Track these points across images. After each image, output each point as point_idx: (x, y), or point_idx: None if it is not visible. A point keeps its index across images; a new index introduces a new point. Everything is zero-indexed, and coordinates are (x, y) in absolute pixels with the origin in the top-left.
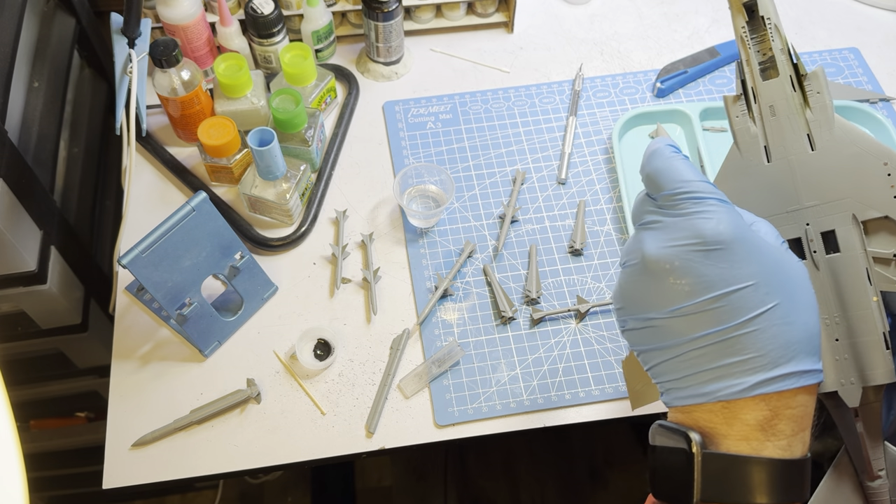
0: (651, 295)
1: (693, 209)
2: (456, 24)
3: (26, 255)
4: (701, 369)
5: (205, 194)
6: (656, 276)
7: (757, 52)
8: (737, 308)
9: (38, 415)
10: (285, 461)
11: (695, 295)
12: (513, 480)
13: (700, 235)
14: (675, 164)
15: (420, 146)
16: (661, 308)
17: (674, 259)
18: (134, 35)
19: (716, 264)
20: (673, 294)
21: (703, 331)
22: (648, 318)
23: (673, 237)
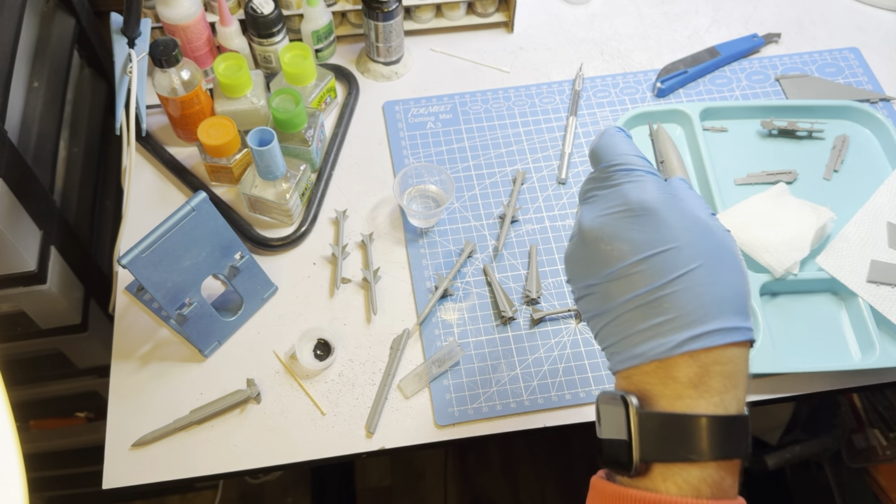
0: (589, 262)
1: (622, 180)
2: (456, 24)
3: (26, 255)
4: (633, 331)
5: (205, 194)
6: (590, 244)
7: None
8: (661, 269)
9: (38, 415)
10: (285, 461)
11: (623, 258)
12: (513, 480)
13: (626, 202)
14: (615, 141)
15: (420, 146)
16: (597, 274)
17: (604, 226)
18: (134, 35)
19: (641, 229)
20: (605, 259)
21: (632, 293)
22: (589, 285)
23: (604, 206)
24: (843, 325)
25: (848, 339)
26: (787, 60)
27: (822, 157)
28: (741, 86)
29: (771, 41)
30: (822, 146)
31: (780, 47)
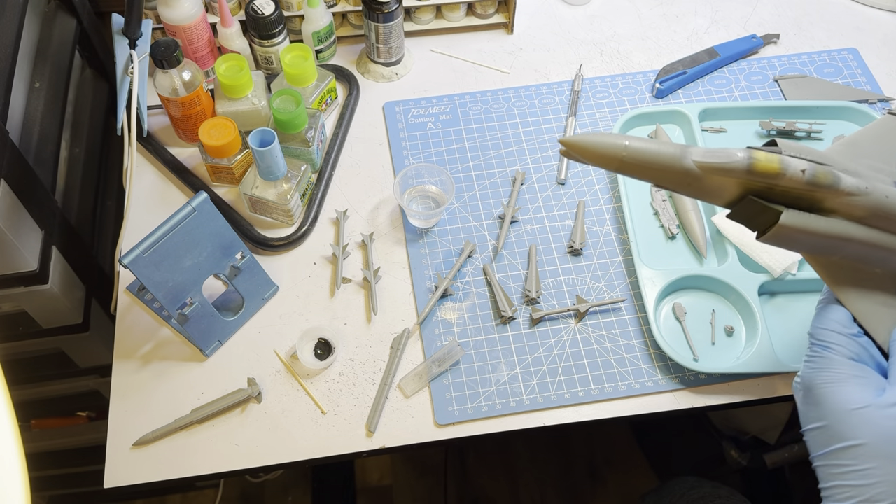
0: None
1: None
2: (456, 25)
3: (28, 255)
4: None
5: (206, 194)
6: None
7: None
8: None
9: (39, 414)
10: (286, 460)
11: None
12: (513, 480)
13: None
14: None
15: (420, 146)
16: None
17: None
18: (135, 36)
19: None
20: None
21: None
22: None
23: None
24: None
25: None
26: (786, 61)
27: None
28: (740, 86)
29: (770, 42)
30: (820, 147)
31: (778, 48)
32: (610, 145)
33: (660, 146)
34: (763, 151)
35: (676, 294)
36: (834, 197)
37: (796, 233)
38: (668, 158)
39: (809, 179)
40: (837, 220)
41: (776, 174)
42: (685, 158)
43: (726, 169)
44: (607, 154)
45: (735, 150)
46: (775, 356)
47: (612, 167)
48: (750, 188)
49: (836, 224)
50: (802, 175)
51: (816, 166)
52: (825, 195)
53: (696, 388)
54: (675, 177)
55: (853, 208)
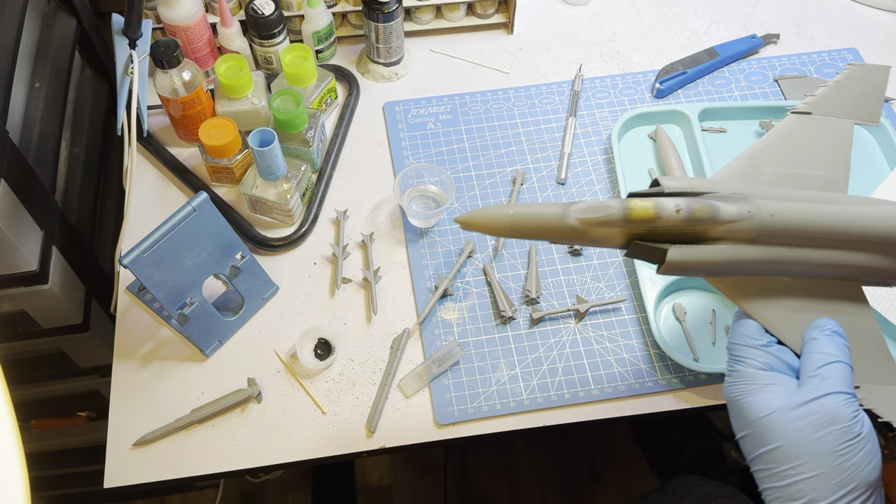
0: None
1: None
2: (456, 25)
3: (28, 254)
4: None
5: (206, 194)
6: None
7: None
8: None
9: (39, 414)
10: (286, 460)
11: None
12: (513, 480)
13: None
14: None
15: (420, 146)
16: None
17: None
18: (135, 36)
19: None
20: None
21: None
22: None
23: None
24: None
25: None
26: (786, 61)
27: None
28: (740, 86)
29: (770, 42)
30: None
31: (778, 48)
32: (498, 217)
33: (543, 210)
34: (639, 199)
35: (676, 294)
36: (716, 227)
37: (687, 265)
38: (553, 219)
39: (686, 217)
40: (726, 246)
41: (652, 219)
42: (567, 217)
43: (605, 221)
44: (497, 225)
45: (612, 202)
46: None
47: (505, 235)
48: (633, 234)
49: (726, 250)
50: (678, 214)
51: (693, 202)
52: (706, 227)
53: (696, 388)
54: (564, 234)
55: (739, 233)
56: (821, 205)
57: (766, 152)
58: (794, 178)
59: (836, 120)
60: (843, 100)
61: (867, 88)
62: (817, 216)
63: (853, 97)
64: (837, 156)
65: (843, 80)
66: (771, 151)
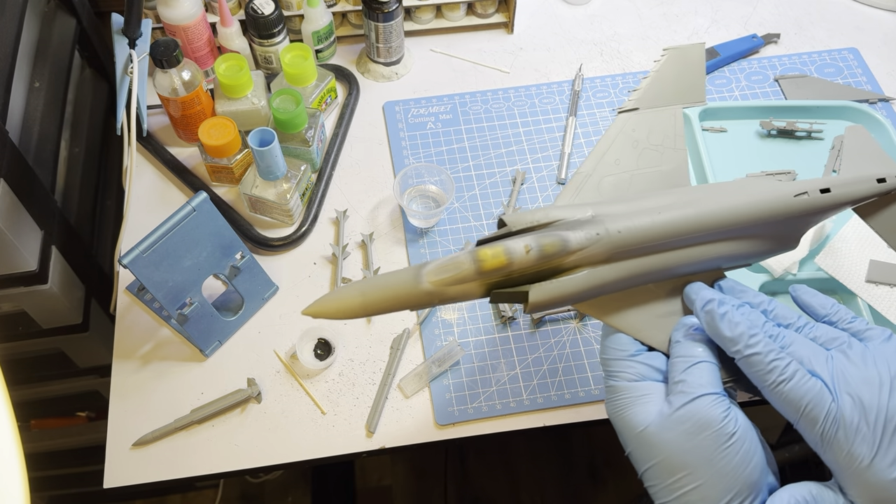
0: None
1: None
2: (456, 25)
3: (27, 254)
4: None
5: (205, 194)
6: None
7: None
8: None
9: (38, 414)
10: (286, 461)
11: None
12: (513, 480)
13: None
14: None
15: (420, 146)
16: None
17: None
18: (135, 35)
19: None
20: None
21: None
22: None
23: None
24: None
25: None
26: (787, 61)
27: (821, 157)
28: (740, 86)
29: (770, 42)
30: (821, 146)
31: (779, 48)
32: (347, 300)
33: (395, 281)
34: (487, 248)
35: None
36: (569, 257)
37: (552, 301)
38: (406, 289)
39: (538, 255)
40: (585, 273)
41: (505, 265)
42: (420, 283)
43: (459, 279)
44: (348, 308)
45: (461, 256)
46: None
47: (359, 316)
48: (491, 283)
49: (585, 277)
50: (529, 255)
51: (541, 239)
52: (560, 260)
53: None
54: (422, 300)
55: (593, 257)
56: (667, 210)
57: (604, 161)
58: (635, 181)
59: (662, 109)
60: (667, 87)
61: (688, 70)
62: (664, 222)
63: (676, 82)
64: (673, 145)
65: (663, 69)
66: (608, 159)
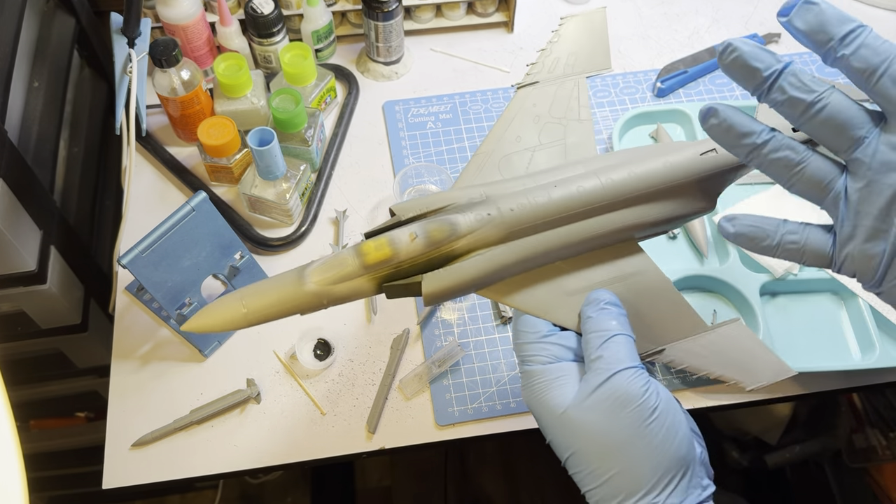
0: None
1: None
2: (456, 24)
3: (26, 254)
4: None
5: (205, 194)
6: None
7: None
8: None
9: (38, 415)
10: (285, 461)
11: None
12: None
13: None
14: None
15: (420, 146)
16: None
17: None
18: (134, 35)
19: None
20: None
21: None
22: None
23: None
24: (843, 325)
25: (848, 339)
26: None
27: None
28: None
29: (771, 41)
30: None
31: (780, 47)
32: (229, 312)
33: (278, 286)
34: (371, 240)
35: None
36: (460, 241)
37: (449, 290)
38: (289, 293)
39: (425, 243)
40: (480, 256)
41: (391, 257)
42: (305, 284)
43: (344, 276)
44: (231, 320)
45: (344, 252)
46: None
47: (242, 327)
48: (381, 277)
49: (482, 261)
50: (415, 242)
51: (427, 225)
52: (451, 245)
53: (696, 388)
54: (309, 302)
55: (487, 239)
56: (565, 183)
57: (504, 138)
58: (537, 157)
59: (565, 80)
60: (569, 58)
61: (591, 38)
62: (561, 195)
63: (578, 51)
64: (577, 117)
65: (563, 39)
66: (508, 136)
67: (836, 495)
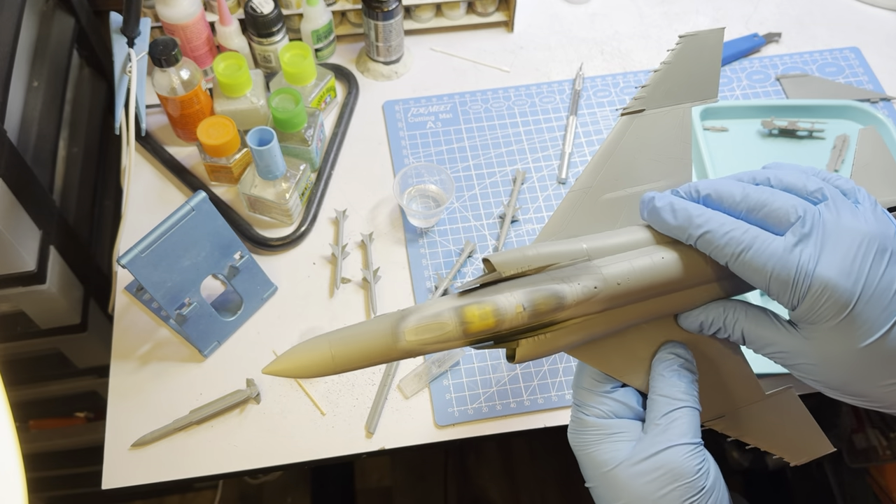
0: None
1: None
2: (456, 24)
3: (25, 254)
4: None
5: (204, 194)
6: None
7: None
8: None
9: (37, 415)
10: (285, 461)
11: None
12: (513, 480)
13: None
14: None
15: (420, 146)
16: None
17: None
18: (133, 34)
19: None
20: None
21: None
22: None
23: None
24: None
25: None
26: (788, 60)
27: (823, 156)
28: (741, 85)
29: (771, 41)
30: (822, 146)
31: (780, 47)
32: (315, 358)
33: (370, 337)
34: (475, 306)
35: None
36: (563, 312)
37: (540, 355)
38: (382, 346)
39: (531, 315)
40: (577, 325)
41: (494, 326)
42: (399, 341)
43: (443, 339)
44: (317, 367)
45: (445, 313)
46: None
47: (326, 374)
48: (475, 341)
49: (577, 330)
50: (522, 312)
51: (535, 296)
52: (553, 316)
53: None
54: (398, 356)
55: (589, 309)
56: (672, 249)
57: (603, 175)
58: (635, 202)
59: (670, 109)
60: (678, 82)
61: (703, 61)
62: (670, 266)
63: (688, 76)
64: (678, 153)
65: (677, 60)
66: (607, 173)
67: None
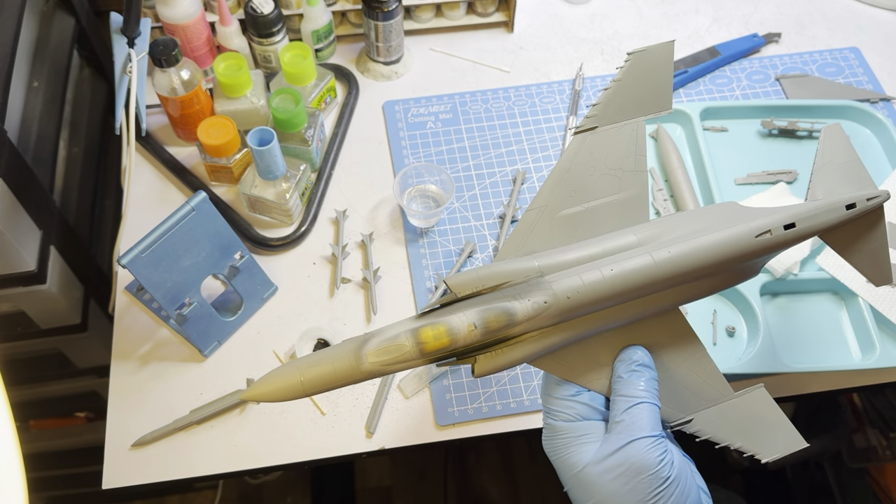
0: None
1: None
2: (456, 24)
3: (26, 254)
4: None
5: (204, 194)
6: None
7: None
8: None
9: (37, 415)
10: (285, 461)
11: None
12: (513, 480)
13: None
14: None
15: (420, 146)
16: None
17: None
18: (133, 34)
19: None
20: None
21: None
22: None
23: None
24: (844, 325)
25: (848, 339)
26: (788, 60)
27: None
28: (741, 85)
29: (771, 41)
30: None
31: (780, 47)
32: (287, 382)
33: (334, 361)
34: (429, 327)
35: None
36: (515, 328)
37: (498, 368)
38: (346, 369)
39: (482, 332)
40: (530, 339)
41: (448, 345)
42: (361, 364)
43: (401, 360)
44: (288, 391)
45: (402, 336)
46: (777, 356)
47: (297, 397)
48: (435, 359)
49: (532, 344)
50: (473, 332)
51: (486, 314)
52: (506, 332)
53: None
54: (365, 378)
55: (541, 323)
56: (619, 261)
57: (559, 192)
58: (590, 215)
59: (623, 124)
60: (630, 98)
61: (653, 75)
62: (615, 278)
63: (640, 91)
64: (632, 166)
65: (626, 76)
66: (563, 190)
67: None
